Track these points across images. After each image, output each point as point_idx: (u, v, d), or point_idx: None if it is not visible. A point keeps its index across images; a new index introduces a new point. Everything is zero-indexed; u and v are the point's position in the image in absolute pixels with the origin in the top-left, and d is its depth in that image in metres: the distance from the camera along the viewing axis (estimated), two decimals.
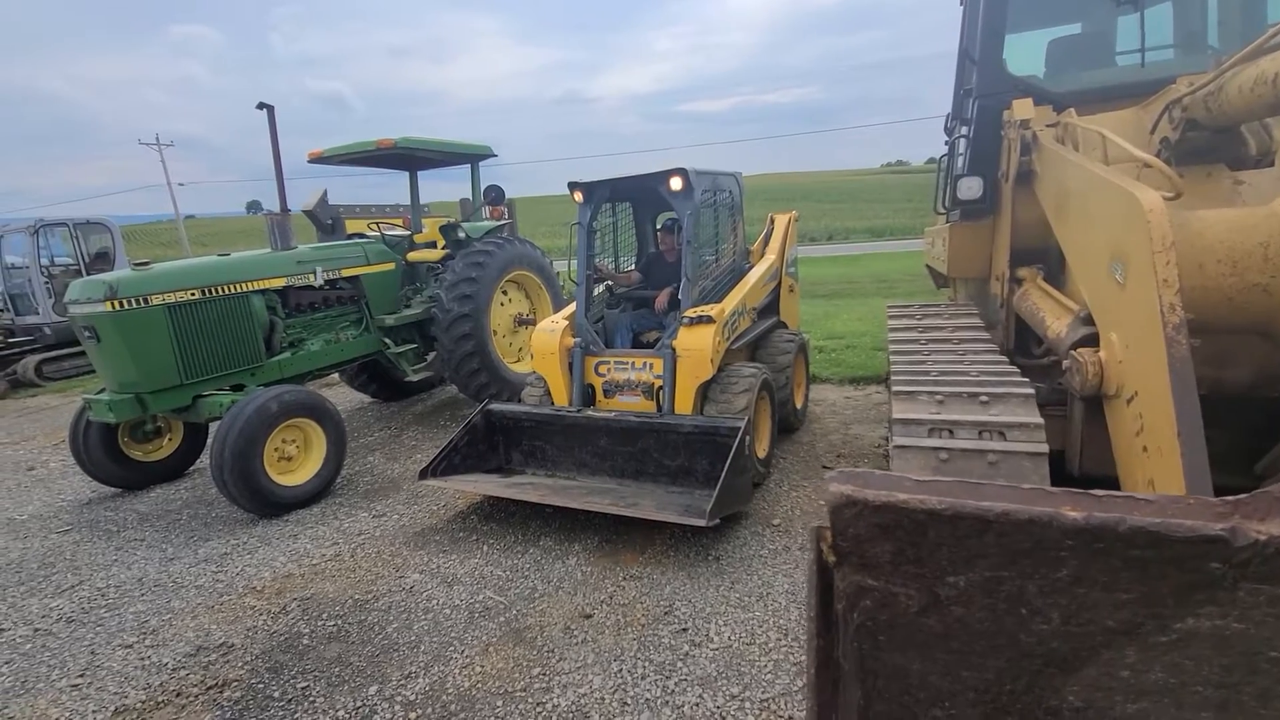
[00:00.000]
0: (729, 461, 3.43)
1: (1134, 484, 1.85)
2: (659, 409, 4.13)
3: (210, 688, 2.70)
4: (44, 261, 10.09)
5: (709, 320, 4.12)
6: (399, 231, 6.92)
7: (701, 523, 3.25)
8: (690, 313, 4.18)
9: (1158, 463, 1.65)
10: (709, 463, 3.83)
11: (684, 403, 4.08)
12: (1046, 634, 0.81)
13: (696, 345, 4.06)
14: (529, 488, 4.07)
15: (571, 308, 4.73)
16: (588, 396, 4.39)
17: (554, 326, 4.54)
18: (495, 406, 4.52)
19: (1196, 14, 3.75)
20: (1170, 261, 1.65)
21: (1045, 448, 2.26)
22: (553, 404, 4.47)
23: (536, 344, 4.56)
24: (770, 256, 5.54)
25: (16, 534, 4.45)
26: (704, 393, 4.15)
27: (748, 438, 3.63)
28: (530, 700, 2.50)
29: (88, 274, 8.91)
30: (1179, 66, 3.11)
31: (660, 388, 4.14)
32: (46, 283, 9.90)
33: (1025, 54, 3.93)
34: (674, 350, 4.09)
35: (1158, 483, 1.64)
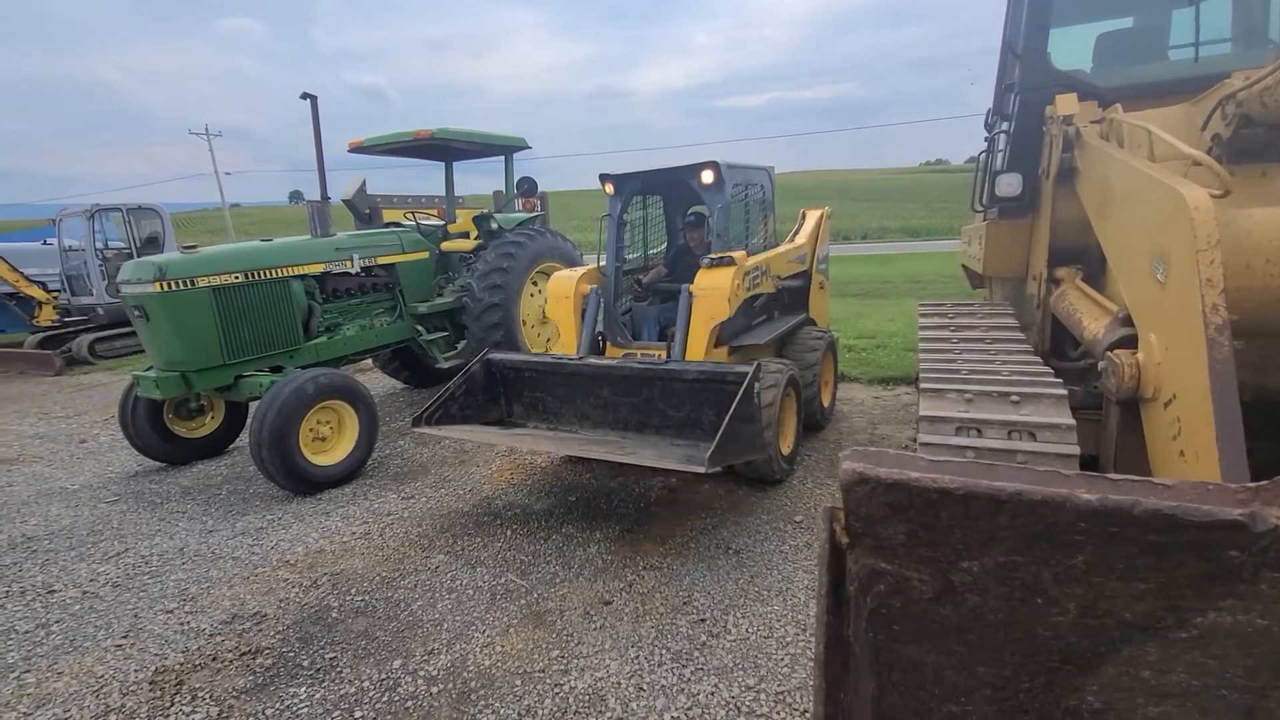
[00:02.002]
0: (734, 405, 3.17)
1: None
2: (669, 355, 3.92)
3: (244, 654, 2.81)
4: (99, 244, 10.54)
5: (731, 262, 3.97)
6: (433, 221, 7.05)
7: (701, 469, 3.02)
8: (713, 255, 4.05)
9: (1194, 468, 1.60)
10: (715, 413, 3.57)
11: (696, 348, 3.89)
12: (1064, 627, 0.79)
13: (715, 284, 3.90)
14: (526, 437, 3.92)
15: (596, 264, 4.67)
16: (597, 347, 4.26)
17: (572, 274, 4.42)
18: (495, 355, 4.35)
19: (1258, 7, 3.59)
20: (1215, 260, 1.60)
21: (1076, 449, 2.21)
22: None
23: (552, 288, 4.44)
24: (800, 239, 5.45)
25: (68, 502, 4.68)
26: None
27: (756, 384, 3.39)
28: (548, 681, 2.54)
29: (139, 257, 9.28)
30: (1235, 61, 3.00)
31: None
32: (101, 265, 10.34)
33: (1070, 49, 3.81)
34: (690, 293, 3.91)
35: None
